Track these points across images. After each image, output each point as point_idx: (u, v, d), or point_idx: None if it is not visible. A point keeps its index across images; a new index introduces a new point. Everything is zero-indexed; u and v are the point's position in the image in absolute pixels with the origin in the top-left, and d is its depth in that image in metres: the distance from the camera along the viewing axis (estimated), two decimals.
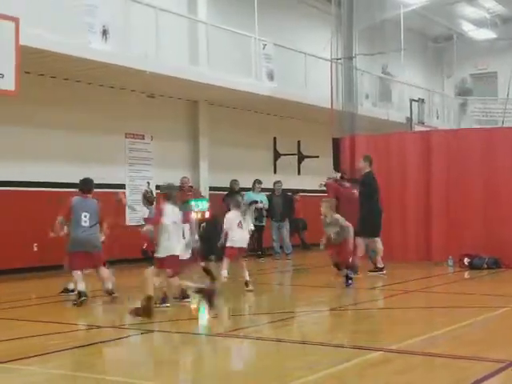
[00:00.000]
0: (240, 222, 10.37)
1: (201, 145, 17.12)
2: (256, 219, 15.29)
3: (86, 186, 9.59)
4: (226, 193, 16.48)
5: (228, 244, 10.39)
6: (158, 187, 12.54)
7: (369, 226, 12.16)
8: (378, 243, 12.27)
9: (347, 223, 10.55)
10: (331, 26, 16.84)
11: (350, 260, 10.91)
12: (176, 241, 8.24)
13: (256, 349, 6.71)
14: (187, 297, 8.97)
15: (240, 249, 10.38)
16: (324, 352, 6.34)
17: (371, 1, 19.12)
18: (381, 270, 12.19)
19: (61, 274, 10.00)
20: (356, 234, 12.07)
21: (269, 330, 7.76)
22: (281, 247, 16.59)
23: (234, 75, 15.80)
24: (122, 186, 15.01)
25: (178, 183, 15.85)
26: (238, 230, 10.33)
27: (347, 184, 13.63)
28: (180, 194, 15.54)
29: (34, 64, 12.25)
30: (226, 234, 10.47)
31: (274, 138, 19.53)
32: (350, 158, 15.06)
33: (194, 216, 9.49)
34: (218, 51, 16.04)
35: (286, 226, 16.50)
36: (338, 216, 10.65)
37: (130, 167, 15.49)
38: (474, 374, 5.35)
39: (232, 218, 10.40)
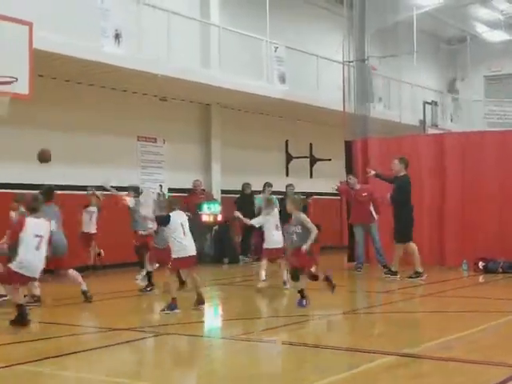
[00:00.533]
0: (277, 224, 10.73)
1: (213, 147, 17.11)
2: None
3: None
4: (237, 196, 16.47)
5: (266, 246, 10.71)
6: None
7: (406, 232, 12.06)
8: (401, 249, 12.18)
9: (311, 225, 8.88)
10: (343, 29, 16.78)
11: (312, 269, 8.85)
12: (32, 255, 7.62)
13: (269, 352, 6.67)
14: (202, 303, 8.88)
15: (278, 250, 10.65)
16: (337, 356, 6.28)
17: (383, 3, 19.02)
18: (394, 273, 12.10)
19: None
20: (395, 240, 12.07)
21: (282, 333, 7.70)
22: None
23: (246, 78, 15.79)
24: (135, 189, 14.96)
25: (190, 186, 15.99)
26: (275, 231, 10.67)
27: (358, 186, 13.63)
28: (192, 197, 15.73)
29: (47, 67, 12.28)
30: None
31: (286, 141, 19.48)
32: (362, 161, 15.00)
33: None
34: (230, 54, 16.03)
35: None
36: (302, 216, 9.00)
37: (142, 170, 15.50)
38: (490, 379, 5.28)
39: (272, 220, 10.69)
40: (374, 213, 13.37)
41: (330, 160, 19.36)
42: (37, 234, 7.70)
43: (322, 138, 19.69)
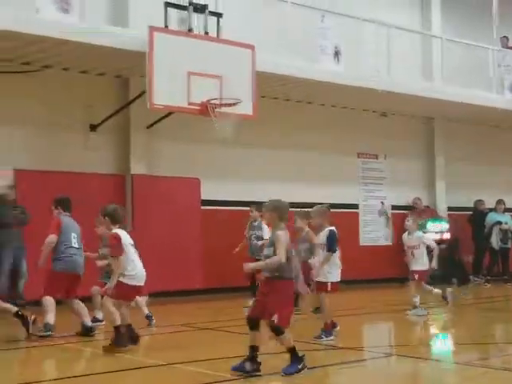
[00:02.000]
0: None
1: (437, 163, 16.42)
2: (501, 241, 14.43)
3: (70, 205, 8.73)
4: (470, 213, 15.65)
5: None
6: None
7: None
8: None
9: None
10: None
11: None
12: (139, 264, 7.29)
13: (502, 381, 6.03)
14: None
15: None
16: None
17: None
18: None
19: None
20: None
21: None
22: None
23: (472, 89, 14.93)
24: (355, 206, 14.86)
25: (410, 203, 15.50)
26: None
27: None
28: (414, 214, 15.18)
29: (268, 88, 12.58)
30: None
31: None
32: None
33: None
34: (453, 64, 15.30)
35: None
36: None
37: (363, 187, 15.32)
38: None
39: None
40: None
41: None
42: (131, 243, 7.36)
43: None
